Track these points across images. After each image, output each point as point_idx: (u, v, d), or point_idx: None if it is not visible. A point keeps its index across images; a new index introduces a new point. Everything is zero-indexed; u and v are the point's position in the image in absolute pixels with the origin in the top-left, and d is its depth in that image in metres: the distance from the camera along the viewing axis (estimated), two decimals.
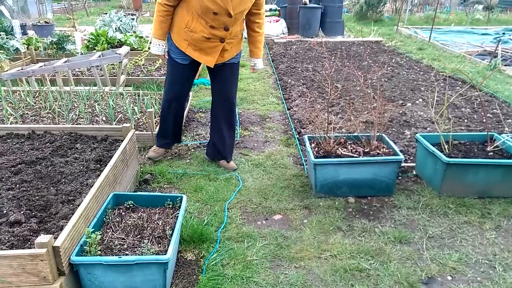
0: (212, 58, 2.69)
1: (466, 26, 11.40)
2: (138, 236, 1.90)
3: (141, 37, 7.15)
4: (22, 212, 1.89)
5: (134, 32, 7.67)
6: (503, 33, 10.03)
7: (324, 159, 2.55)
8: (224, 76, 2.87)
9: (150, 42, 2.73)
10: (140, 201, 2.20)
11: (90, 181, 2.18)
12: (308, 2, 8.92)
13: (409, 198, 2.62)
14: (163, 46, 2.72)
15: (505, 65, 6.40)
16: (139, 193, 2.32)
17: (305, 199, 2.64)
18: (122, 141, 2.64)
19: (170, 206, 2.19)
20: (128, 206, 2.16)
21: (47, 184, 2.16)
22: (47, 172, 2.27)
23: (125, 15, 9.11)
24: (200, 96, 4.95)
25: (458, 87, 5.06)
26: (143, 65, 6.10)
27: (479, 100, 4.29)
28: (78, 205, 1.89)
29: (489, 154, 2.67)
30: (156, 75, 5.58)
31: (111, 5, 18.64)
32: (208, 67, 2.82)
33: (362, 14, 12.11)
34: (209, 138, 3.23)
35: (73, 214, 1.80)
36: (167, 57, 2.81)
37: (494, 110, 4.19)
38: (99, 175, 2.18)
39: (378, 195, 2.64)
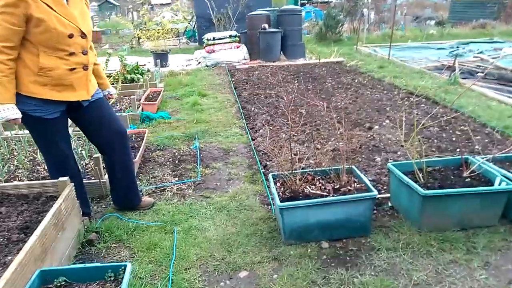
0: (85, 91, 2.37)
1: (422, 42, 11.75)
2: None
3: None
4: None
5: None
6: (457, 47, 10.38)
7: (291, 202, 2.27)
8: (105, 108, 2.56)
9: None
10: (75, 275, 1.82)
11: (10, 258, 1.78)
12: (267, 27, 8.87)
13: (387, 237, 2.37)
14: (13, 108, 2.12)
15: (462, 78, 6.50)
16: (72, 266, 1.95)
17: (274, 248, 2.34)
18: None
19: (112, 278, 1.83)
20: (59, 285, 1.78)
21: None
22: None
23: None
24: (158, 132, 4.61)
25: (422, 104, 5.00)
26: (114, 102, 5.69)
27: (445, 117, 4.20)
28: None
29: (466, 180, 2.48)
30: None
31: None
32: (74, 117, 2.51)
33: (322, 35, 12.26)
34: (112, 190, 2.84)
35: None
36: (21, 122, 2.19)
37: (462, 127, 4.10)
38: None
39: (354, 236, 2.37)
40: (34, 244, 1.81)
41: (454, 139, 3.81)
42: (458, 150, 3.50)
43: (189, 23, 14.33)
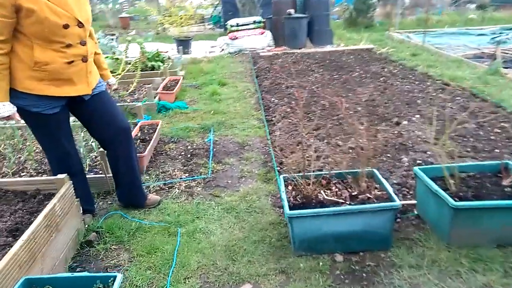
0: (85, 84, 2.23)
1: (460, 27, 10.97)
2: None
3: (117, 58, 6.71)
4: None
5: (114, 53, 7.25)
6: (500, 33, 9.58)
7: (301, 210, 2.04)
8: (107, 103, 2.42)
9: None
10: (62, 285, 1.69)
11: None
12: (293, 12, 8.50)
13: (410, 252, 2.10)
14: (5, 106, 2.01)
15: (505, 68, 5.94)
16: (59, 275, 1.82)
17: (282, 259, 2.13)
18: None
19: None
20: None
21: None
22: None
23: (103, 36, 8.72)
24: (174, 123, 4.47)
25: (458, 97, 4.57)
26: (115, 89, 5.63)
27: (483, 112, 3.80)
28: None
29: (506, 189, 2.16)
30: (128, 100, 5.12)
31: (98, 24, 18.27)
32: (76, 113, 2.39)
33: (352, 20, 11.69)
34: (117, 186, 2.71)
35: None
36: (18, 118, 2.13)
37: (502, 124, 3.69)
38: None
39: (372, 249, 2.12)
40: (20, 249, 1.69)
41: (492, 137, 3.43)
42: (496, 151, 3.14)
43: (215, 8, 14.07)
